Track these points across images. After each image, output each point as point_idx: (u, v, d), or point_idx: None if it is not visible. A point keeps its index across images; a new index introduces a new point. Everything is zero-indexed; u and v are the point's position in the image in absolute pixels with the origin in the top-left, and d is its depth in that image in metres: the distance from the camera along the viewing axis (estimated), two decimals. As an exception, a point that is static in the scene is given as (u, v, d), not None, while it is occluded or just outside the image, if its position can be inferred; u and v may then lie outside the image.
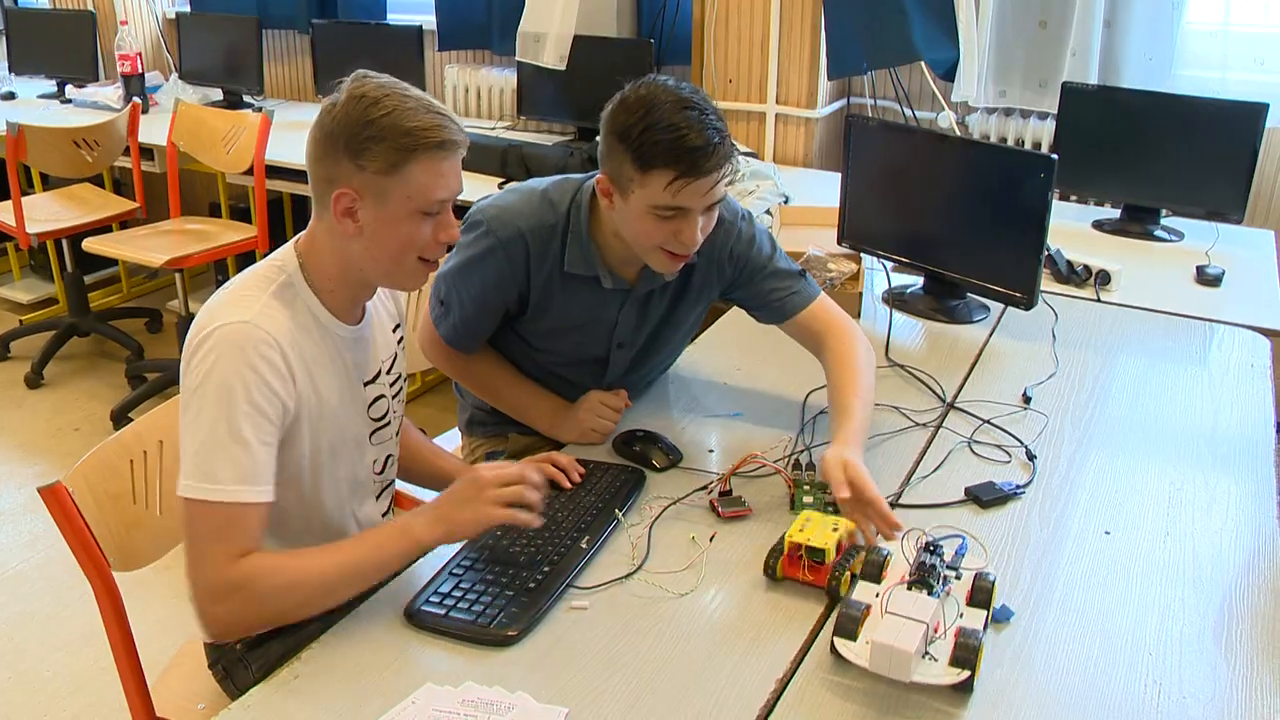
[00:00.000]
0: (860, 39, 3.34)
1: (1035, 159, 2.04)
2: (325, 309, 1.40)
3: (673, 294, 1.81)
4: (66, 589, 2.76)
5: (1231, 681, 1.20)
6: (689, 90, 1.53)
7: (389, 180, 1.31)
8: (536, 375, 1.86)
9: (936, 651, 1.18)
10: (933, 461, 1.67)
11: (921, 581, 1.24)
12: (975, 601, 1.26)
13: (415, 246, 1.36)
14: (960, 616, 1.24)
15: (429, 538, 1.33)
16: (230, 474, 1.26)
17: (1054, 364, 2.01)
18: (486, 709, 1.14)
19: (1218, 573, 1.40)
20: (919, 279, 2.34)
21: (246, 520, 1.28)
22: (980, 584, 1.27)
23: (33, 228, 3.71)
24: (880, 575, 1.29)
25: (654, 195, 1.51)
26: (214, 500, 1.26)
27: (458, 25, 4.16)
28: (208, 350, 1.28)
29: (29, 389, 3.93)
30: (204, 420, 1.27)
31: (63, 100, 4.59)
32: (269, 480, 1.30)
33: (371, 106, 1.29)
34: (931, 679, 1.16)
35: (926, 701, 1.17)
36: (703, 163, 1.49)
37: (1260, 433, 1.77)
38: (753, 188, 2.95)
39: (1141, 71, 3.13)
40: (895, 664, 1.15)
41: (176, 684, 1.59)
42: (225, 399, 1.27)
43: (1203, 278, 2.44)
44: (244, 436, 1.27)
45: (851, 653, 1.19)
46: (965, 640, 1.17)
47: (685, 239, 1.56)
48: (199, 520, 1.27)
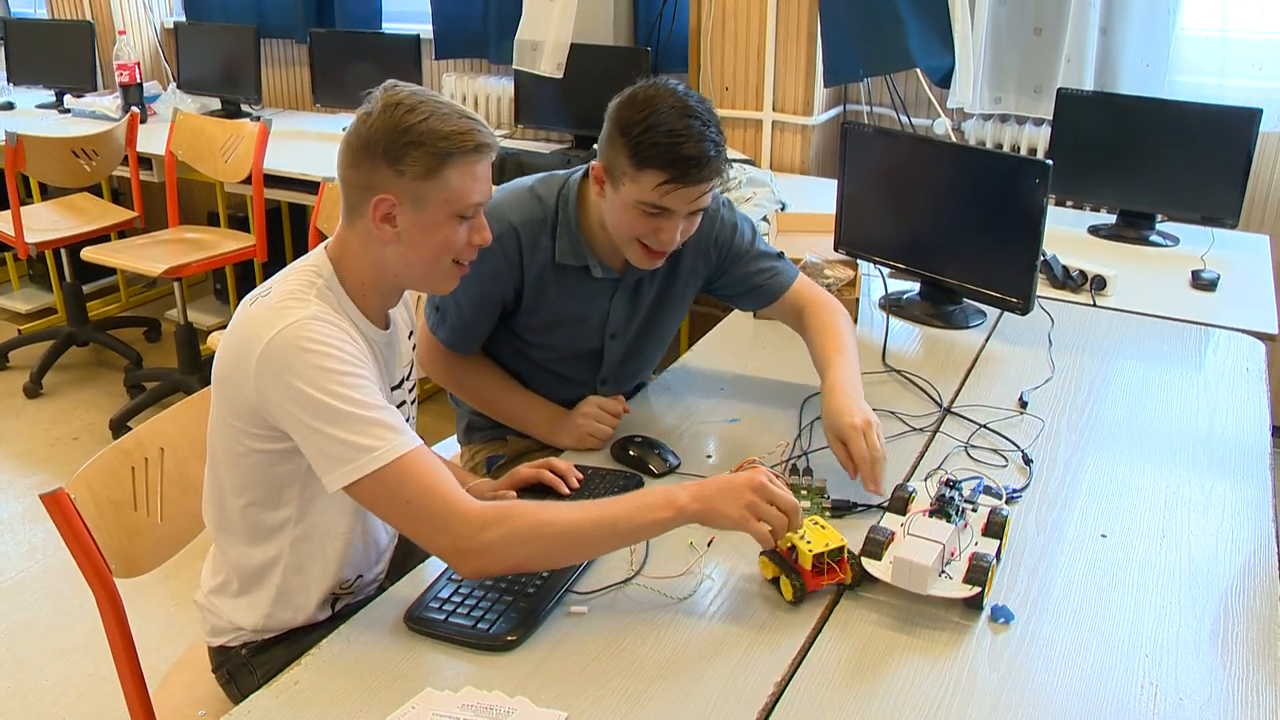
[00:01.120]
0: (856, 46, 3.36)
1: (1031, 165, 2.05)
2: (360, 313, 1.41)
3: (661, 282, 1.85)
4: (66, 598, 2.76)
5: (1227, 683, 1.21)
6: (695, 99, 1.58)
7: (427, 185, 1.33)
8: (532, 374, 1.88)
9: (952, 571, 1.33)
10: (930, 465, 1.68)
11: (940, 511, 1.40)
12: (990, 533, 1.40)
13: (452, 250, 1.39)
14: (975, 544, 1.38)
15: (690, 510, 1.31)
16: (375, 437, 1.25)
17: (1050, 369, 2.02)
18: (486, 713, 1.14)
19: (1214, 575, 1.41)
20: (915, 285, 2.35)
21: (430, 462, 1.27)
22: (994, 518, 1.41)
23: (31, 237, 3.71)
24: (905, 509, 1.44)
25: (643, 193, 1.57)
26: (386, 464, 1.24)
27: (455, 34, 4.18)
28: (281, 356, 1.26)
29: (28, 398, 3.93)
30: (318, 410, 1.25)
31: (61, 110, 4.61)
32: (409, 429, 1.30)
33: (408, 114, 1.31)
34: (946, 593, 1.30)
35: (926, 701, 1.17)
36: (694, 172, 1.55)
37: (1255, 436, 1.78)
38: (750, 194, 2.96)
39: (1136, 77, 3.14)
40: (914, 577, 1.30)
41: (177, 690, 1.59)
42: (325, 382, 1.25)
43: (1198, 282, 2.45)
44: (364, 401, 1.26)
45: (876, 569, 1.33)
46: (978, 563, 1.31)
47: (664, 238, 1.62)
48: (391, 489, 1.25)
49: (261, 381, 1.27)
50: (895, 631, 1.29)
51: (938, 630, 1.29)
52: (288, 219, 4.52)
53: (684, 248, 1.79)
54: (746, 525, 1.31)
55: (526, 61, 3.78)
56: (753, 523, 1.31)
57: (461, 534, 1.25)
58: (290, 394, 1.25)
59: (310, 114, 4.67)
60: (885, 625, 1.30)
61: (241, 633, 1.48)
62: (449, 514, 1.26)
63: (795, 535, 1.34)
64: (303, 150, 3.90)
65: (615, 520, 1.30)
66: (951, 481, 1.44)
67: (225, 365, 1.33)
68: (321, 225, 3.00)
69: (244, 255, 3.76)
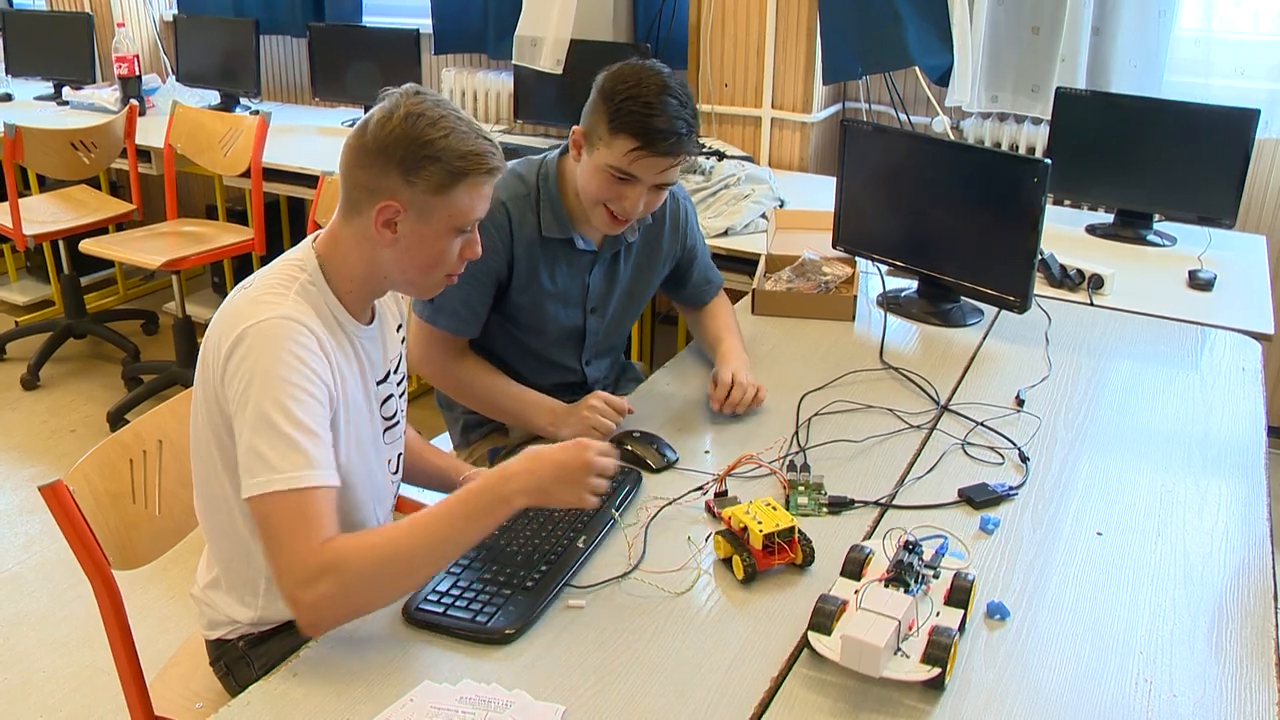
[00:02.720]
0: (855, 44, 3.36)
1: (1029, 163, 2.06)
2: (344, 309, 1.41)
3: (637, 257, 1.97)
4: (63, 590, 2.76)
5: (1221, 680, 1.22)
6: (676, 82, 1.70)
7: (436, 199, 1.34)
8: (520, 360, 1.94)
9: (909, 649, 1.20)
10: (926, 463, 1.69)
11: (898, 579, 1.27)
12: (953, 601, 1.28)
13: (445, 264, 1.41)
14: (936, 615, 1.26)
15: (520, 504, 1.31)
16: (289, 462, 1.24)
17: (1047, 367, 2.03)
18: (484, 706, 1.15)
19: (1208, 573, 1.41)
20: (913, 283, 2.36)
21: (317, 505, 1.25)
22: (959, 583, 1.29)
23: (29, 229, 3.71)
24: (860, 573, 1.32)
25: (614, 157, 1.69)
26: (280, 490, 1.24)
27: (454, 29, 4.18)
28: (246, 350, 1.28)
29: (25, 390, 3.93)
30: (254, 415, 1.25)
31: (60, 102, 4.60)
32: (330, 464, 1.29)
33: (429, 127, 1.32)
34: (902, 675, 1.17)
35: (922, 700, 1.18)
36: (662, 144, 1.67)
37: (1251, 435, 1.78)
38: (748, 191, 2.97)
39: (1130, 77, 3.15)
40: (865, 659, 1.17)
41: (175, 682, 1.60)
42: (273, 390, 1.26)
43: (1195, 282, 2.46)
44: (300, 421, 1.26)
45: (825, 647, 1.21)
46: (938, 638, 1.18)
47: (628, 205, 1.73)
48: (271, 516, 1.24)
49: (226, 371, 1.29)
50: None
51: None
52: (286, 213, 4.52)
53: (661, 227, 1.96)
54: (589, 506, 1.35)
55: (526, 57, 3.78)
56: (594, 501, 1.35)
57: (298, 581, 1.22)
58: (240, 389, 1.27)
59: (309, 108, 4.66)
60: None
61: (238, 626, 1.49)
62: (294, 556, 1.22)
63: (748, 516, 1.38)
64: (302, 144, 3.90)
65: (447, 538, 1.28)
66: (911, 544, 1.31)
67: (205, 352, 1.35)
68: (320, 219, 3.00)
69: (242, 249, 3.75)
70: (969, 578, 1.29)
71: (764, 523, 1.37)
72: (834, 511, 1.55)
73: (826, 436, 1.76)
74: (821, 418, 1.83)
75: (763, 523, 1.37)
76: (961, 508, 1.56)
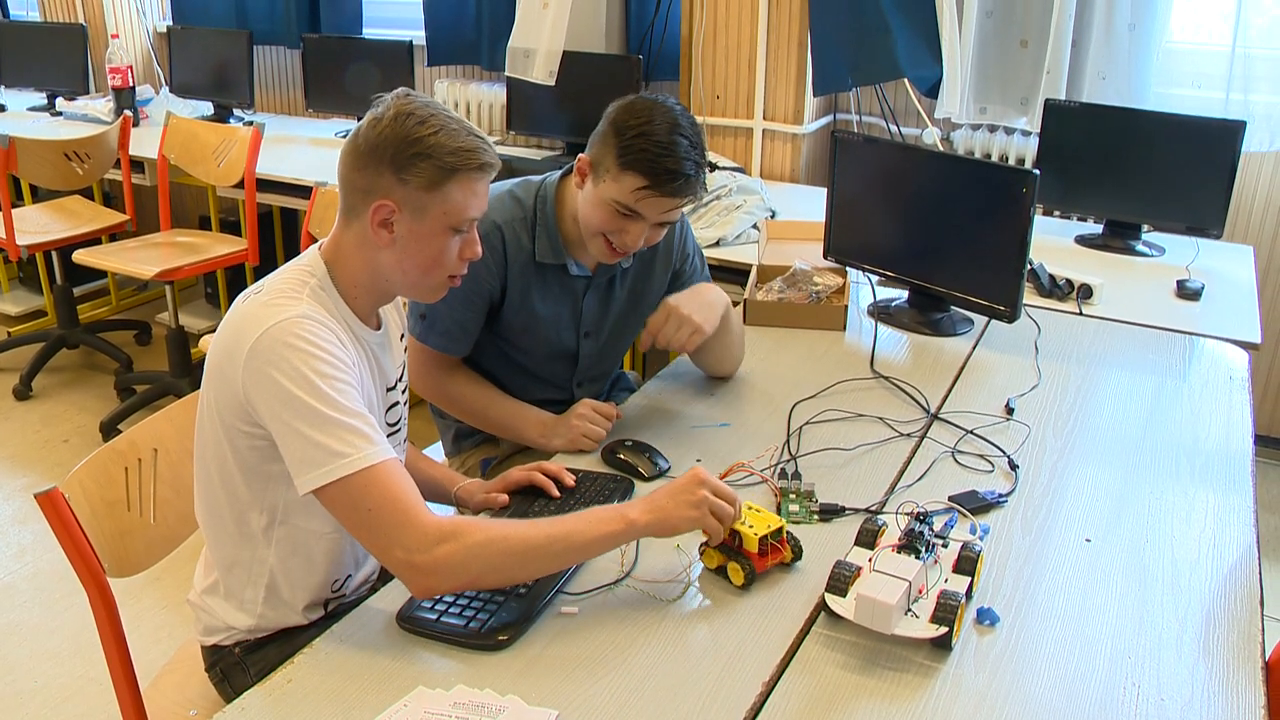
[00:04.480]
0: (845, 56, 3.39)
1: (1018, 174, 2.07)
2: (352, 314, 1.42)
3: (632, 282, 1.96)
4: (55, 600, 2.76)
5: (1208, 684, 1.23)
6: (688, 121, 1.70)
7: (429, 196, 1.35)
8: (511, 378, 1.94)
9: (919, 610, 1.28)
10: (917, 471, 1.70)
11: (909, 546, 1.34)
12: (960, 569, 1.36)
13: (445, 264, 1.42)
14: (945, 581, 1.34)
15: (641, 524, 1.34)
16: (352, 445, 1.26)
17: (1036, 376, 2.04)
18: (477, 712, 1.16)
19: (1196, 579, 1.43)
20: (904, 292, 2.37)
21: (399, 477, 1.28)
22: (966, 553, 1.37)
23: (22, 240, 3.71)
24: (874, 542, 1.40)
25: (621, 193, 1.68)
26: (358, 470, 1.25)
27: (448, 40, 4.19)
28: (272, 350, 1.28)
29: (17, 401, 3.92)
30: (300, 410, 1.26)
31: (53, 113, 4.61)
32: (386, 440, 1.31)
33: (419, 125, 1.33)
34: (912, 633, 1.25)
35: (921, 700, 1.19)
36: (669, 184, 1.67)
37: (1238, 443, 1.80)
38: (740, 202, 2.98)
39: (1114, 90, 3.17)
40: (878, 616, 1.25)
41: (169, 690, 1.60)
42: (311, 383, 1.27)
43: (1183, 292, 2.48)
44: (346, 407, 1.28)
45: (840, 606, 1.29)
46: (946, 600, 1.27)
47: (628, 240, 1.73)
48: (359, 498, 1.26)
49: (248, 375, 1.29)
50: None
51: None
52: (279, 223, 4.53)
53: (655, 250, 1.94)
54: (703, 524, 1.35)
55: (519, 68, 3.80)
56: (708, 520, 1.35)
57: (415, 547, 1.25)
58: (274, 390, 1.27)
59: (303, 119, 4.67)
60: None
61: (234, 632, 1.49)
62: (405, 526, 1.26)
63: (738, 522, 1.39)
64: (295, 155, 3.91)
65: (569, 535, 1.31)
66: (922, 515, 1.40)
67: (217, 358, 1.34)
68: (314, 230, 3.00)
69: (236, 259, 3.76)
70: (976, 549, 1.37)
71: (755, 526, 1.39)
72: (825, 519, 1.56)
73: (817, 445, 1.77)
74: (812, 426, 1.84)
75: (754, 526, 1.38)
76: (952, 515, 1.57)
